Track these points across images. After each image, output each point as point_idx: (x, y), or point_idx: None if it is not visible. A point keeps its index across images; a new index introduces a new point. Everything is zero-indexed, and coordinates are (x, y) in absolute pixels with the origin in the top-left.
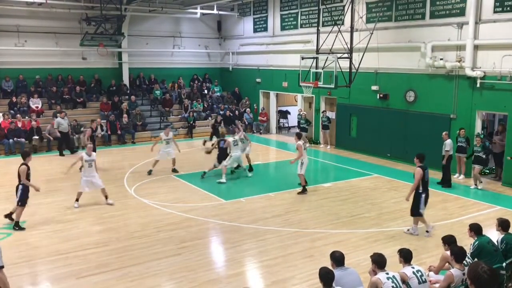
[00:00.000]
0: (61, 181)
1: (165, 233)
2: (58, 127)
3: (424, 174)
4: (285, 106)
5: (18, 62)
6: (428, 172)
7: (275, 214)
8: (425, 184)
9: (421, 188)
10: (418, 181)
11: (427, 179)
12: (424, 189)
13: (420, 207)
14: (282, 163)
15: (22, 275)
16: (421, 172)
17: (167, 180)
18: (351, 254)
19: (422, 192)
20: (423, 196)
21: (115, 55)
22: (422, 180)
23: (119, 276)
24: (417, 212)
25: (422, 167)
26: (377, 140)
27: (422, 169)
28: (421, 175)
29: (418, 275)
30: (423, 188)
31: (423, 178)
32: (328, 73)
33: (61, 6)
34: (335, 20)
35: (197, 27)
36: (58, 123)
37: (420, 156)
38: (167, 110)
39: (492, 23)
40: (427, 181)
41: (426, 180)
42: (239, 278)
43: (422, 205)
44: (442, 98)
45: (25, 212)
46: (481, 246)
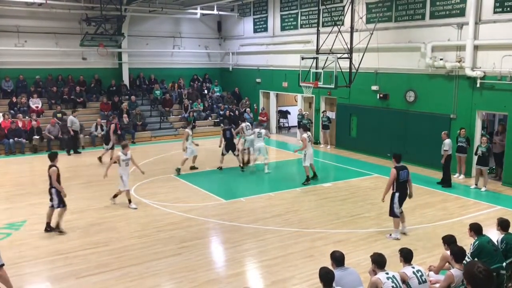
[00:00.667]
0: (61, 181)
1: (165, 233)
2: (72, 126)
3: (398, 175)
4: (285, 106)
5: (18, 62)
6: (405, 173)
7: (275, 214)
8: (399, 184)
9: (395, 187)
10: (391, 181)
11: (402, 179)
12: (398, 189)
13: (394, 207)
14: (282, 163)
15: (22, 275)
16: (394, 172)
17: (167, 180)
18: (351, 254)
19: (396, 192)
20: (397, 196)
21: (115, 55)
22: (397, 180)
23: (119, 276)
24: (393, 213)
25: (397, 167)
26: (377, 140)
27: (397, 170)
28: (394, 175)
29: (418, 275)
30: (397, 188)
31: (397, 178)
32: (328, 73)
33: (61, 6)
34: (335, 20)
35: (197, 28)
36: (72, 121)
37: (397, 156)
38: (167, 110)
39: (492, 23)
40: (402, 181)
41: (401, 180)
42: (239, 278)
43: (397, 205)
44: (442, 98)
45: (25, 212)
46: (481, 246)
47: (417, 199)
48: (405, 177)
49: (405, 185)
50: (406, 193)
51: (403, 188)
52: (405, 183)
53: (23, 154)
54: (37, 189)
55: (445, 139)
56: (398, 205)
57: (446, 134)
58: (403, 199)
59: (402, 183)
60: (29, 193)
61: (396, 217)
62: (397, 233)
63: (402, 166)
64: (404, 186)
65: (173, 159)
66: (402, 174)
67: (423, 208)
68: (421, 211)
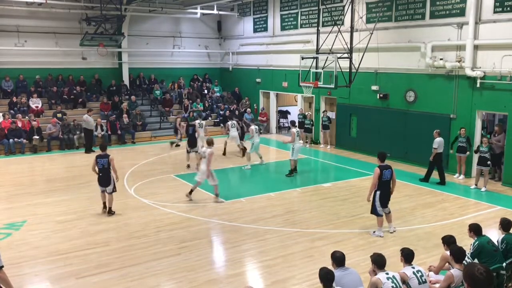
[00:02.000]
0: (61, 181)
1: (165, 233)
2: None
3: (381, 174)
4: (285, 106)
5: (18, 62)
6: (388, 172)
7: (275, 214)
8: (381, 183)
9: (377, 186)
10: (375, 180)
11: (385, 178)
12: (380, 187)
13: (376, 205)
14: (282, 163)
15: (22, 275)
16: (378, 171)
17: (167, 180)
18: (351, 254)
19: (377, 190)
20: (378, 194)
21: (115, 55)
22: (380, 179)
23: (119, 276)
24: (375, 211)
25: (381, 166)
26: (377, 140)
27: (380, 169)
28: (378, 174)
29: (418, 275)
30: (379, 187)
31: (380, 177)
32: (328, 73)
33: (61, 6)
34: (335, 20)
35: (197, 27)
36: (86, 120)
37: (380, 155)
38: (167, 110)
39: (492, 23)
40: (384, 180)
41: (384, 179)
42: (239, 278)
43: (378, 203)
44: (442, 98)
45: (25, 212)
46: (481, 246)
47: (417, 199)
48: (388, 177)
49: (387, 184)
50: (388, 192)
51: (385, 187)
52: (388, 182)
53: (23, 154)
54: (37, 189)
55: (436, 138)
56: (379, 204)
57: (437, 132)
58: (384, 198)
59: (385, 182)
60: (29, 193)
61: (378, 215)
62: (380, 231)
63: (386, 166)
64: (387, 185)
65: (173, 159)
66: (385, 173)
67: (423, 208)
68: (421, 211)
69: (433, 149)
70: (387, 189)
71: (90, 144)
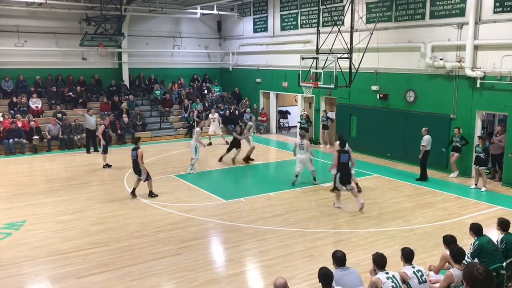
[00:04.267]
0: (61, 181)
1: (165, 233)
2: (86, 124)
3: (339, 157)
4: (285, 106)
5: (18, 62)
6: (345, 157)
7: (275, 214)
8: (340, 166)
9: (337, 168)
10: (335, 162)
11: (343, 161)
12: (339, 170)
13: (336, 183)
14: (282, 163)
15: (22, 275)
16: (336, 155)
17: (167, 180)
18: (351, 254)
19: (337, 173)
20: (338, 176)
21: (115, 55)
22: (338, 162)
23: (119, 276)
24: (334, 187)
25: (339, 151)
26: (377, 140)
27: (338, 153)
28: (336, 157)
29: (418, 275)
30: (338, 169)
31: (338, 160)
32: (328, 73)
33: (61, 6)
34: (335, 20)
35: (197, 27)
36: (86, 120)
37: (340, 141)
38: (167, 110)
39: (492, 23)
40: (342, 163)
41: (341, 162)
42: (239, 278)
43: (338, 181)
44: (442, 98)
45: (25, 212)
46: (481, 246)
47: (417, 199)
48: (345, 160)
49: (346, 166)
50: (347, 174)
51: (343, 170)
52: (346, 164)
53: (23, 154)
54: (37, 189)
55: (424, 135)
56: (339, 182)
57: (426, 130)
58: (344, 179)
59: (343, 165)
60: (29, 193)
61: (337, 190)
62: (338, 203)
63: (344, 151)
64: (345, 168)
65: (173, 159)
66: (342, 157)
67: (423, 208)
68: (421, 211)
69: (422, 147)
70: (346, 170)
71: (93, 144)
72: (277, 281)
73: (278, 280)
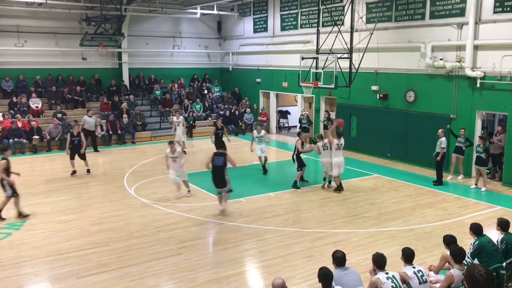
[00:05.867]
0: (61, 181)
1: (165, 233)
2: (84, 125)
3: (213, 160)
4: (285, 106)
5: (18, 62)
6: (219, 160)
7: (275, 214)
8: (213, 168)
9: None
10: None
11: (216, 164)
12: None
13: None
14: (282, 163)
15: (22, 275)
16: (210, 156)
17: (167, 180)
18: (351, 254)
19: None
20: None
21: (115, 55)
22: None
23: (119, 276)
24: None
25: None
26: (377, 140)
27: (213, 155)
28: (210, 158)
29: (419, 275)
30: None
31: (213, 162)
32: (328, 73)
33: (61, 6)
34: (335, 20)
35: (197, 27)
36: (85, 121)
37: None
38: (167, 110)
39: (492, 23)
40: (215, 165)
41: (215, 165)
42: (239, 278)
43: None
44: (442, 98)
45: (25, 212)
46: (481, 246)
47: (417, 199)
48: (219, 163)
49: (218, 170)
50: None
51: (216, 172)
52: (219, 168)
53: (23, 154)
54: (37, 189)
55: (442, 137)
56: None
57: (443, 132)
58: (215, 182)
59: (216, 168)
60: (29, 193)
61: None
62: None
63: (220, 153)
64: (217, 171)
65: None
66: (216, 160)
67: (423, 208)
68: (421, 211)
69: (441, 149)
70: (218, 174)
71: (92, 145)
72: (275, 281)
73: (276, 280)
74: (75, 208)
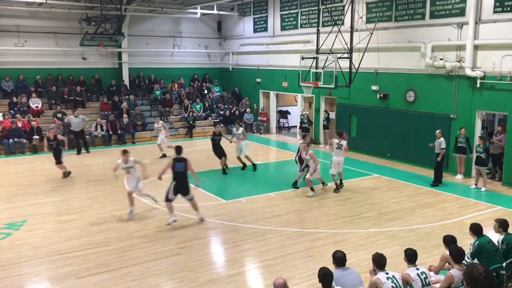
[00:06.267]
0: (61, 181)
1: (165, 233)
2: (70, 126)
3: (173, 166)
4: (285, 106)
5: (18, 62)
6: (181, 165)
7: (275, 214)
8: (175, 175)
9: (172, 178)
10: (165, 168)
11: (178, 170)
12: (174, 178)
13: (169, 193)
14: (282, 163)
15: (22, 275)
16: (170, 162)
17: (167, 180)
18: (351, 254)
19: (173, 181)
20: (173, 184)
21: (115, 55)
22: (173, 170)
23: (119, 276)
24: (166, 197)
25: (174, 159)
26: (377, 140)
27: (173, 161)
28: (168, 165)
29: (422, 277)
30: (173, 178)
31: (173, 169)
32: (328, 73)
33: (61, 6)
34: (335, 20)
35: (197, 27)
36: (70, 121)
37: (177, 149)
38: (167, 110)
39: (492, 23)
40: (177, 172)
41: (177, 171)
42: (239, 278)
43: (171, 192)
44: (442, 98)
45: (25, 212)
46: (481, 246)
47: (417, 199)
48: (181, 169)
49: (181, 176)
50: (183, 183)
51: (179, 179)
52: (182, 174)
53: (23, 154)
54: (37, 189)
55: (440, 138)
56: (173, 193)
57: (440, 132)
58: (179, 189)
59: (178, 174)
60: (29, 193)
61: (168, 201)
62: (173, 216)
63: (180, 158)
64: (180, 177)
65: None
66: (177, 166)
67: (423, 208)
68: (421, 211)
69: (441, 150)
70: (181, 181)
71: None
72: (276, 281)
73: (278, 280)
74: (75, 208)
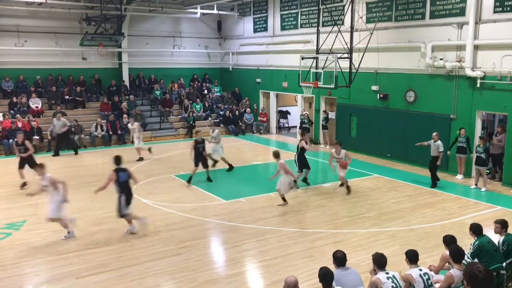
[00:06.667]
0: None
1: (165, 233)
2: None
3: (117, 176)
4: (285, 106)
5: (18, 62)
6: (124, 175)
7: (275, 214)
8: (121, 186)
9: (118, 190)
10: (107, 182)
11: (122, 180)
12: (121, 191)
13: (122, 208)
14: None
15: (22, 275)
16: (112, 174)
17: (167, 180)
18: (351, 254)
19: (121, 195)
20: (123, 199)
21: (115, 55)
22: (117, 182)
23: (119, 276)
24: (121, 214)
25: (116, 169)
26: (377, 140)
27: (115, 172)
28: (111, 177)
29: (424, 279)
30: (120, 191)
31: (117, 180)
32: (328, 73)
33: (61, 6)
34: (335, 20)
35: (197, 27)
36: (53, 125)
37: (115, 159)
38: (167, 110)
39: (492, 23)
40: (122, 182)
41: (121, 182)
42: (239, 278)
43: (124, 206)
44: (442, 98)
45: (25, 212)
46: (481, 246)
47: (417, 199)
48: (126, 178)
49: (126, 185)
50: (129, 193)
51: (125, 189)
52: (127, 183)
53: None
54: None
55: (436, 140)
56: (125, 206)
57: (437, 135)
58: (128, 200)
59: (123, 184)
60: (29, 193)
61: (126, 216)
62: (133, 227)
63: (121, 169)
64: (126, 187)
65: (173, 159)
66: (122, 176)
67: (423, 208)
68: (421, 211)
69: (439, 153)
70: (127, 190)
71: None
72: (288, 279)
73: (290, 278)
74: (75, 208)
